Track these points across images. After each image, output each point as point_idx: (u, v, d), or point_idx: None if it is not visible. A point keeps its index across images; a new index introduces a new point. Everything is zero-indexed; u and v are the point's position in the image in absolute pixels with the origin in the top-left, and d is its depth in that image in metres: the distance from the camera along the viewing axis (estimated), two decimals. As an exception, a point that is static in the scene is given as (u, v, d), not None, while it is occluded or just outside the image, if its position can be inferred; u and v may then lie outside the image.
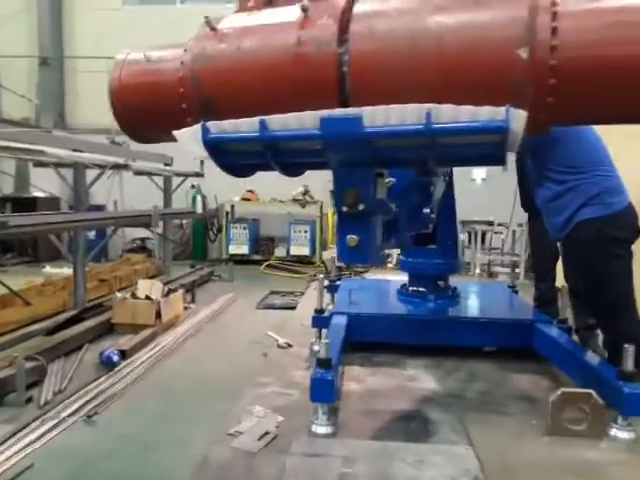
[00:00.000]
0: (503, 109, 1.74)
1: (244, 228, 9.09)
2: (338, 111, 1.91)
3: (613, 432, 2.45)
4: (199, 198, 8.14)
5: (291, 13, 2.02)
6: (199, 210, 7.48)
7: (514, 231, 7.32)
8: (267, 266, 8.49)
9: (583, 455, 2.31)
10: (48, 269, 8.10)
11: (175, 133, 2.15)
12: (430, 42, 1.81)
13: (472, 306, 3.84)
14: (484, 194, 8.89)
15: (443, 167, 2.66)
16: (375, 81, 1.91)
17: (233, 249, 9.08)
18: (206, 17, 2.08)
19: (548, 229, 3.37)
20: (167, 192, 7.24)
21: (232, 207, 9.41)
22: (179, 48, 2.23)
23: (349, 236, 2.19)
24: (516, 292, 4.42)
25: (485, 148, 1.91)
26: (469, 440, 2.44)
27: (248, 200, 9.20)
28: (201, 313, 5.33)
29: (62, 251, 5.24)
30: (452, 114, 1.81)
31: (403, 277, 4.18)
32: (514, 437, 2.47)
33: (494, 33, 1.77)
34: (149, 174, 6.92)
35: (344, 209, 2.14)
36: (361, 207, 2.12)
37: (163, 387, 3.33)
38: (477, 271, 6.56)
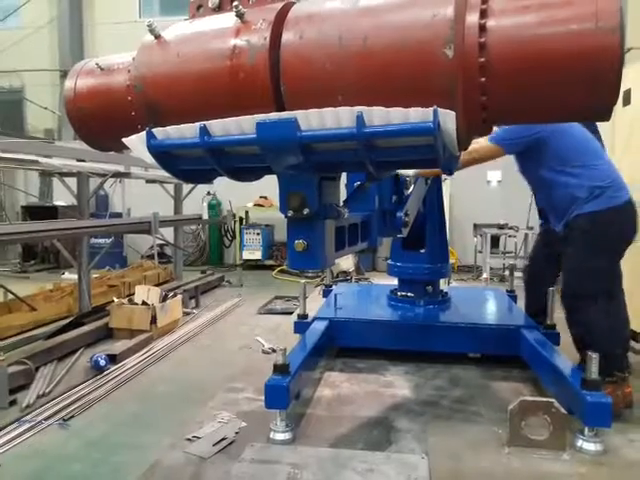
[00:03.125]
0: (431, 110, 1.71)
1: (257, 234, 9.14)
2: (273, 115, 1.90)
3: (579, 443, 2.36)
4: (205, 204, 8.25)
5: (228, 19, 2.03)
6: (205, 216, 7.57)
7: (526, 234, 7.13)
8: (279, 271, 8.50)
9: (542, 467, 2.23)
10: (67, 275, 8.31)
11: (125, 140, 2.18)
12: (356, 43, 1.78)
13: (457, 312, 3.76)
14: (499, 196, 8.71)
15: (383, 170, 2.62)
16: (308, 85, 1.89)
17: (246, 254, 9.14)
18: (149, 25, 2.10)
19: (553, 226, 3.21)
20: (177, 199, 7.35)
21: (246, 213, 9.48)
22: (129, 56, 2.27)
23: (296, 241, 2.18)
24: (514, 297, 4.31)
25: (419, 150, 1.87)
26: (427, 449, 2.38)
27: (261, 206, 9.25)
28: (202, 318, 5.38)
29: (67, 257, 5.37)
30: (383, 116, 1.78)
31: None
32: (474, 446, 2.40)
33: (418, 32, 1.72)
34: (160, 182, 7.04)
35: (289, 213, 2.13)
36: (306, 211, 2.10)
37: (145, 391, 3.36)
38: (484, 276, 6.41)
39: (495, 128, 2.78)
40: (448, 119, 1.71)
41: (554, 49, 1.66)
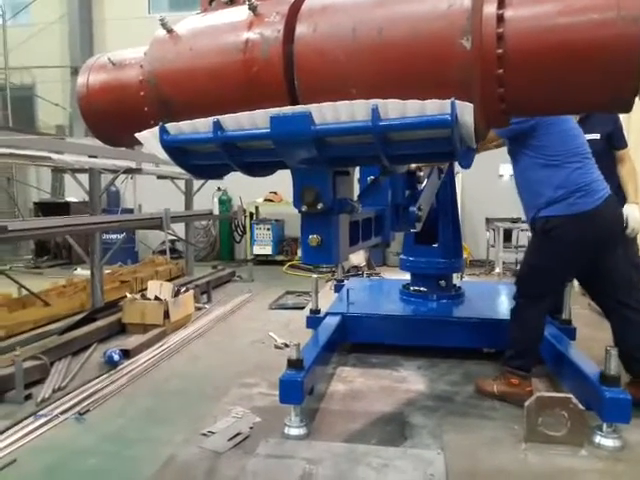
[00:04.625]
0: (448, 102, 1.68)
1: (268, 229, 9.13)
2: (287, 109, 1.88)
3: (597, 439, 2.33)
4: (216, 200, 8.26)
5: (241, 13, 2.01)
6: (216, 212, 7.58)
7: (536, 229, 7.05)
8: (290, 266, 8.50)
9: (559, 463, 2.20)
10: (79, 271, 8.37)
11: (137, 136, 2.17)
12: (371, 35, 1.76)
13: (470, 306, 3.74)
14: (512, 190, 8.61)
15: (398, 164, 2.57)
16: (323, 78, 1.87)
17: (257, 250, 9.14)
18: (161, 19, 2.09)
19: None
20: (188, 195, 7.36)
21: (256, 208, 9.48)
22: (141, 51, 2.26)
23: (311, 236, 2.16)
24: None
25: (436, 143, 1.85)
26: (442, 445, 2.37)
27: (271, 201, 9.24)
28: (214, 313, 5.39)
29: (80, 253, 5.40)
30: (399, 109, 1.76)
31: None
32: (490, 443, 2.39)
33: (434, 23, 1.69)
34: (171, 178, 7.05)
35: (303, 208, 2.11)
36: (320, 206, 2.09)
37: (159, 386, 3.37)
38: (497, 270, 6.35)
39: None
40: (466, 111, 1.68)
41: (574, 39, 1.63)
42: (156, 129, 2.07)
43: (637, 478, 2.12)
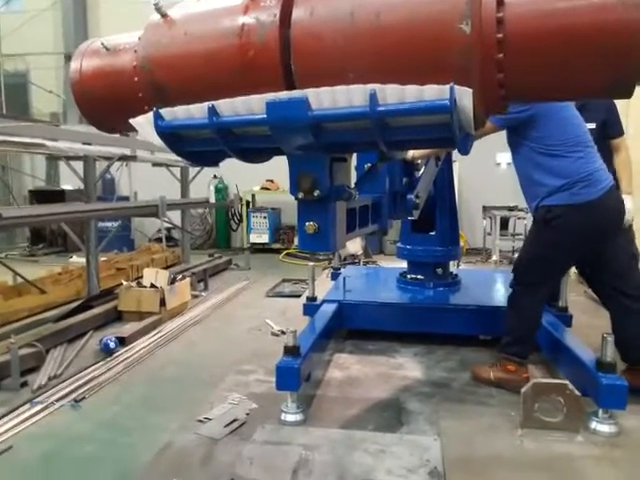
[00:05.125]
0: (447, 87, 1.66)
1: (264, 217, 9.11)
2: (283, 94, 1.86)
3: (593, 425, 2.35)
4: (212, 188, 8.23)
5: (237, -4, 1.98)
6: (212, 200, 7.54)
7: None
8: (286, 255, 8.49)
9: (556, 449, 2.22)
10: (75, 259, 8.33)
11: (132, 121, 2.15)
12: (369, 19, 1.73)
13: (467, 294, 3.74)
14: (509, 179, 8.59)
15: (396, 150, 2.53)
16: (319, 63, 1.84)
17: (254, 238, 9.13)
18: (155, 3, 2.05)
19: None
20: (184, 182, 7.32)
21: (253, 196, 9.45)
22: (135, 36, 2.23)
23: (307, 223, 2.15)
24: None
25: (435, 129, 1.83)
26: (439, 431, 2.38)
27: (268, 189, 9.21)
28: (210, 301, 5.38)
29: (75, 241, 5.38)
30: (397, 94, 1.74)
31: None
32: (486, 429, 2.40)
33: (434, 7, 1.67)
34: (167, 165, 7.01)
35: (300, 195, 2.10)
36: (317, 193, 2.07)
37: (155, 373, 3.37)
38: (494, 258, 6.37)
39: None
40: (465, 97, 1.66)
41: (574, 23, 1.61)
42: (150, 115, 2.04)
43: (633, 463, 2.13)
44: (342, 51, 1.79)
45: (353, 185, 2.45)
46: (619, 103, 3.58)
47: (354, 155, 2.85)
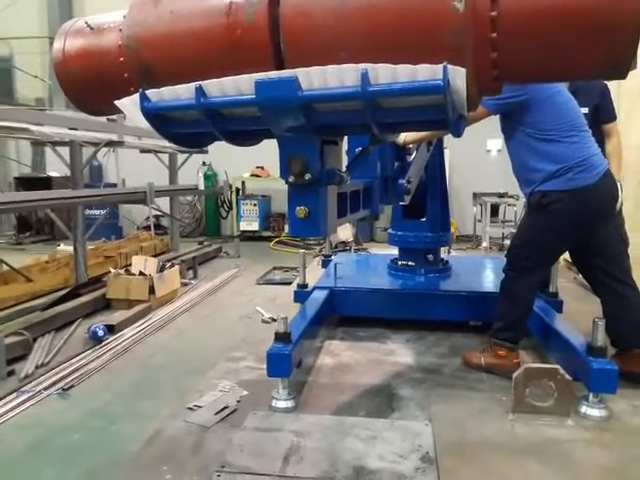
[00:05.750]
0: (441, 66, 1.63)
1: (254, 205, 9.04)
2: (272, 74, 1.81)
3: (584, 409, 2.35)
4: (201, 175, 8.14)
5: (225, -27, 1.92)
6: (201, 187, 7.47)
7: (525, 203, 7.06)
8: (277, 242, 8.45)
9: (546, 433, 2.22)
10: (62, 247, 8.22)
11: (117, 103, 2.09)
12: (360, -5, 1.69)
13: (458, 280, 3.73)
14: (499, 165, 8.59)
15: (388, 132, 2.50)
16: (309, 41, 1.79)
17: (244, 226, 9.06)
18: (140, -20, 1.99)
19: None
20: (172, 169, 7.23)
21: (242, 183, 9.37)
22: (120, 15, 2.16)
23: (298, 207, 2.11)
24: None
25: (427, 110, 1.79)
26: (430, 416, 2.38)
27: (258, 176, 9.13)
28: (200, 288, 5.34)
29: (62, 229, 5.30)
30: (389, 74, 1.70)
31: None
32: (477, 414, 2.40)
33: (426, -17, 1.64)
34: (155, 151, 6.92)
35: (290, 179, 2.06)
36: (307, 177, 2.03)
37: (144, 361, 3.34)
38: (484, 245, 6.38)
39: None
40: (458, 76, 1.63)
41: (569, 2, 1.58)
42: (136, 96, 1.98)
43: (623, 447, 2.14)
44: (333, 30, 1.74)
45: (344, 169, 2.41)
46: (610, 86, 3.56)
47: (345, 140, 2.82)
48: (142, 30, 1.97)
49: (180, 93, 1.93)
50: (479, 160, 8.82)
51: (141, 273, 4.73)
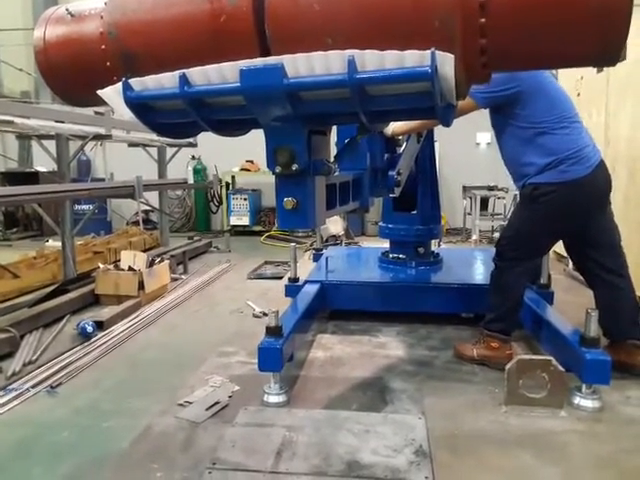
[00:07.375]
0: (428, 52, 1.59)
1: (244, 199, 8.97)
2: (257, 61, 1.77)
3: (577, 400, 2.34)
4: (190, 169, 8.06)
5: (208, -42, 1.87)
6: (191, 181, 7.40)
7: (515, 196, 7.06)
8: (267, 237, 8.40)
9: (539, 424, 2.21)
10: (51, 242, 8.13)
11: (100, 92, 2.04)
12: (346, -21, 1.65)
13: (448, 272, 3.72)
14: (489, 158, 8.59)
15: (377, 121, 2.46)
16: (295, 27, 1.75)
17: (234, 220, 9.00)
18: (122, -36, 1.93)
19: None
20: (161, 163, 7.15)
21: (232, 178, 9.29)
22: (102, 1, 2.11)
23: (286, 199, 2.07)
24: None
25: (416, 98, 1.76)
26: (423, 409, 2.35)
27: (248, 170, 9.06)
28: (190, 284, 5.29)
29: (50, 224, 5.22)
30: (376, 60, 1.66)
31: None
32: (470, 406, 2.38)
33: (414, -33, 1.59)
34: (143, 145, 6.84)
35: (277, 170, 2.01)
36: (295, 167, 1.99)
37: (134, 357, 3.29)
38: (474, 237, 6.37)
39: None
40: (446, 63, 1.59)
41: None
42: (119, 85, 1.93)
43: (615, 438, 2.13)
44: (319, 15, 1.69)
45: (333, 159, 2.37)
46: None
47: (334, 130, 2.77)
48: (123, 16, 1.91)
49: (164, 82, 1.88)
50: (469, 153, 8.81)
51: (130, 268, 4.68)
